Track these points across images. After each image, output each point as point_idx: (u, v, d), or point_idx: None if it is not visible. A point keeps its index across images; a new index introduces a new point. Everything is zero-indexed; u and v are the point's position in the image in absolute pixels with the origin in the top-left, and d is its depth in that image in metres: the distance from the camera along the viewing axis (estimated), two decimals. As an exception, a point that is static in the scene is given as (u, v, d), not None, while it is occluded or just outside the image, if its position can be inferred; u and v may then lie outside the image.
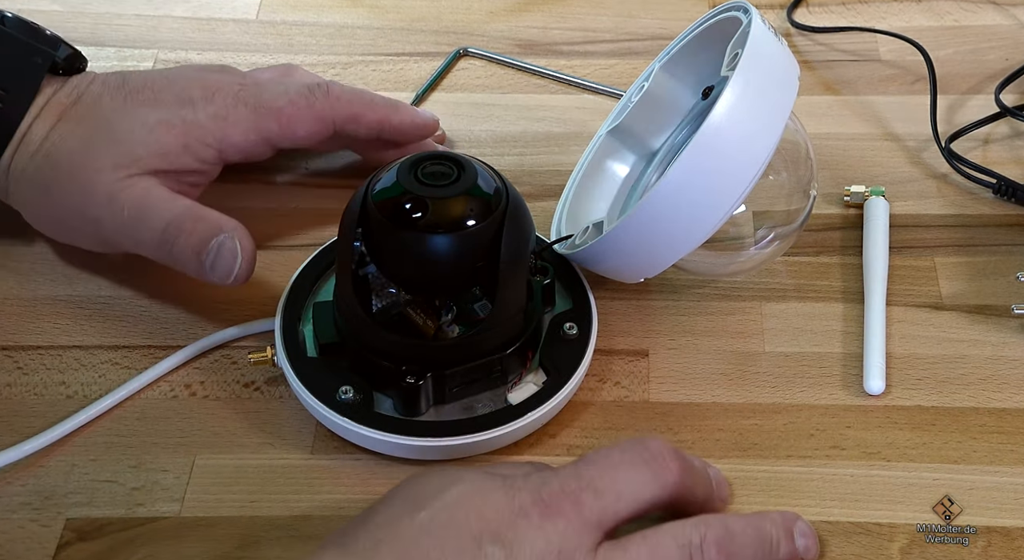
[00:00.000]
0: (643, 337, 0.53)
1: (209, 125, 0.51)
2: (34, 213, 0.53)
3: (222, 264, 0.49)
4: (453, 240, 0.45)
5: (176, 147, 0.51)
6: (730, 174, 0.46)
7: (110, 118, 0.51)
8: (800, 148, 0.52)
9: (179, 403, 0.50)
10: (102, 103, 0.52)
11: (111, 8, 0.71)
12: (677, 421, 0.49)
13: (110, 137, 0.50)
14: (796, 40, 0.69)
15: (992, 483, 0.47)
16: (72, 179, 0.50)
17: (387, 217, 0.45)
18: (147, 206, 0.50)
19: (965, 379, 0.50)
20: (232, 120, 0.52)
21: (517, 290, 0.47)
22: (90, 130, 0.51)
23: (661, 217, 0.46)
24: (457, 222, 0.45)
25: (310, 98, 0.53)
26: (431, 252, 0.45)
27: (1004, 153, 0.61)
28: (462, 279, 0.46)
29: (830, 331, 0.53)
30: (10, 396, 0.50)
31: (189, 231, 0.49)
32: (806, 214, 0.53)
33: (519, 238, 0.46)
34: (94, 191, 0.50)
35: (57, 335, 0.52)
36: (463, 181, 0.45)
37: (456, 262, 0.45)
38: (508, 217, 0.45)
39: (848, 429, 0.49)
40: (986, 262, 0.55)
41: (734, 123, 0.45)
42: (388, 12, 0.71)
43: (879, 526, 0.45)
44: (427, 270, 0.45)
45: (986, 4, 0.71)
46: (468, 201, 0.45)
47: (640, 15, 0.71)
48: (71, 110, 0.51)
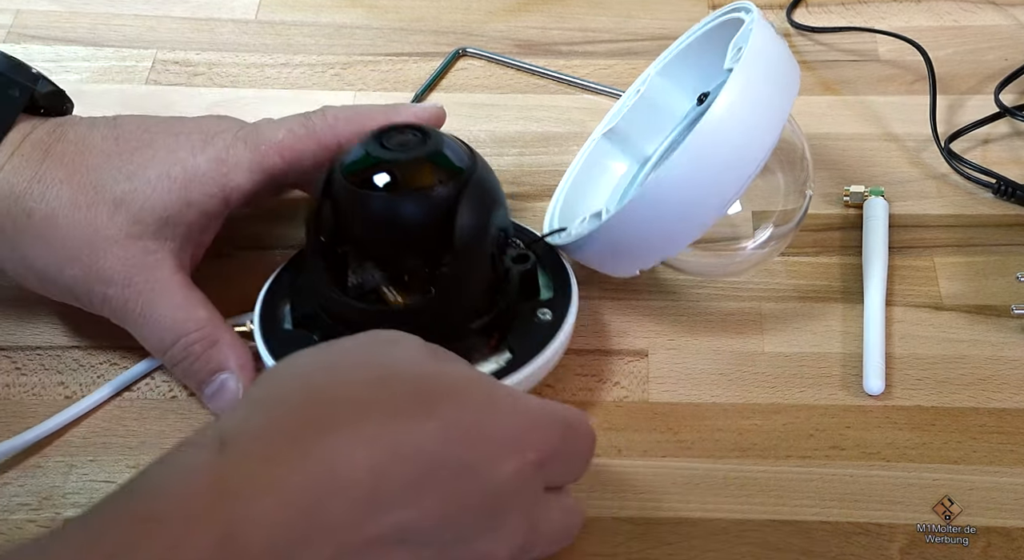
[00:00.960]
0: (642, 337, 0.52)
1: (210, 171, 0.48)
2: (13, 266, 0.49)
3: (221, 400, 0.48)
4: (410, 201, 0.45)
5: (180, 204, 0.48)
6: (730, 167, 0.46)
7: (103, 168, 0.48)
8: (796, 148, 0.52)
9: (178, 403, 0.50)
10: (92, 145, 0.48)
11: (110, 8, 0.71)
12: (676, 421, 0.49)
13: (111, 197, 0.47)
14: (795, 40, 0.69)
15: (992, 483, 0.47)
16: (77, 246, 0.47)
17: (348, 179, 0.46)
18: (156, 298, 0.48)
19: (965, 379, 0.50)
20: (233, 162, 0.48)
21: (476, 262, 0.46)
22: (84, 182, 0.47)
23: (661, 206, 0.46)
24: (414, 183, 0.45)
25: (308, 125, 0.50)
26: (388, 213, 0.45)
27: (1004, 153, 0.61)
28: (421, 246, 0.46)
29: (830, 331, 0.53)
30: (8, 396, 0.50)
31: (196, 356, 0.48)
32: (802, 214, 0.53)
33: (479, 208, 0.46)
34: (107, 268, 0.47)
35: (56, 336, 0.52)
36: (426, 147, 0.46)
37: (413, 225, 0.45)
38: (470, 186, 0.45)
39: (848, 429, 0.49)
40: (986, 262, 0.55)
41: (736, 116, 0.45)
42: (387, 12, 0.71)
43: (879, 526, 0.45)
44: (385, 233, 0.46)
45: (985, 4, 0.71)
46: (428, 165, 0.46)
47: (639, 15, 0.71)
48: (55, 148, 0.48)
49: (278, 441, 0.34)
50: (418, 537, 0.35)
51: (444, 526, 0.35)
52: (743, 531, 0.45)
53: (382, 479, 0.34)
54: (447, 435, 0.36)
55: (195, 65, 0.67)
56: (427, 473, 0.35)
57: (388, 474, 0.34)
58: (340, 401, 0.36)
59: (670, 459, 0.48)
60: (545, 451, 0.38)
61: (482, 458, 0.36)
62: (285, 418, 0.35)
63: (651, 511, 0.46)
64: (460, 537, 0.36)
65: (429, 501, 0.35)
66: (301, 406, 0.36)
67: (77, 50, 0.67)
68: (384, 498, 0.34)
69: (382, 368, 0.38)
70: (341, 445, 0.34)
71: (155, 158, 0.48)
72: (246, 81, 0.66)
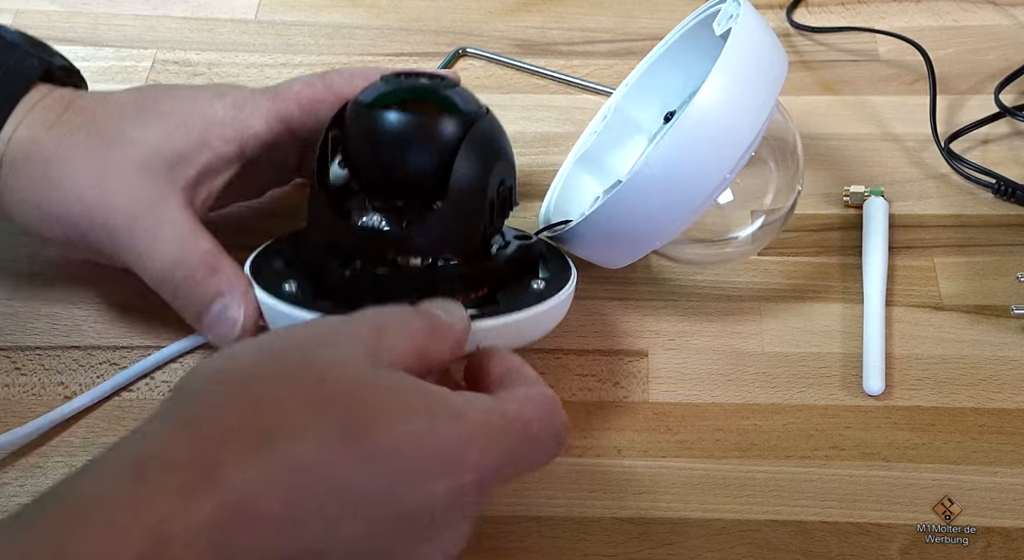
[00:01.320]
0: (642, 338, 0.52)
1: (227, 117, 0.48)
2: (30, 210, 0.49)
3: (220, 327, 0.46)
4: (417, 122, 0.45)
5: (195, 145, 0.48)
6: (719, 149, 0.45)
7: (121, 117, 0.48)
8: (787, 142, 0.52)
9: (177, 404, 0.50)
10: (111, 100, 0.49)
11: (109, 8, 0.71)
12: (676, 422, 0.49)
13: (127, 139, 0.48)
14: (795, 40, 0.69)
15: (991, 484, 0.47)
16: (88, 182, 0.47)
17: (359, 103, 0.46)
18: (163, 229, 0.47)
19: (965, 379, 0.50)
20: (250, 109, 0.49)
21: (473, 200, 0.45)
22: (101, 128, 0.48)
23: (652, 192, 0.46)
24: (423, 109, 0.45)
25: (325, 79, 0.50)
26: (394, 130, 0.45)
27: (1003, 153, 0.61)
28: (421, 169, 0.45)
29: (829, 331, 0.53)
30: (8, 397, 0.50)
31: (197, 283, 0.46)
32: (791, 206, 0.53)
33: (484, 148, 0.46)
34: (114, 200, 0.47)
35: (55, 336, 0.52)
36: (443, 83, 0.47)
37: (417, 146, 0.45)
38: (480, 124, 0.46)
39: (847, 429, 0.49)
40: (986, 262, 0.55)
41: (724, 99, 0.45)
42: (387, 12, 0.71)
43: (878, 527, 0.45)
44: (389, 151, 0.45)
45: (985, 4, 0.71)
46: (441, 97, 0.46)
47: (639, 15, 0.71)
48: (76, 103, 0.48)
49: (191, 472, 0.33)
50: (340, 550, 0.34)
51: (367, 549, 0.34)
52: (743, 531, 0.45)
53: (298, 510, 0.33)
54: (373, 463, 0.34)
55: (195, 65, 0.67)
56: (349, 503, 0.34)
57: (305, 506, 0.33)
58: (263, 422, 0.34)
59: (670, 459, 0.48)
60: (486, 469, 0.36)
61: (410, 483, 0.34)
62: (203, 440, 0.34)
63: (651, 511, 0.46)
64: (387, 555, 0.35)
65: (349, 529, 0.34)
66: (222, 424, 0.34)
67: (77, 50, 0.67)
68: (299, 529, 0.33)
69: (313, 382, 0.36)
70: (256, 476, 0.33)
71: (174, 108, 0.48)
72: (246, 81, 0.66)
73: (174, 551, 0.31)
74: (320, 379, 0.36)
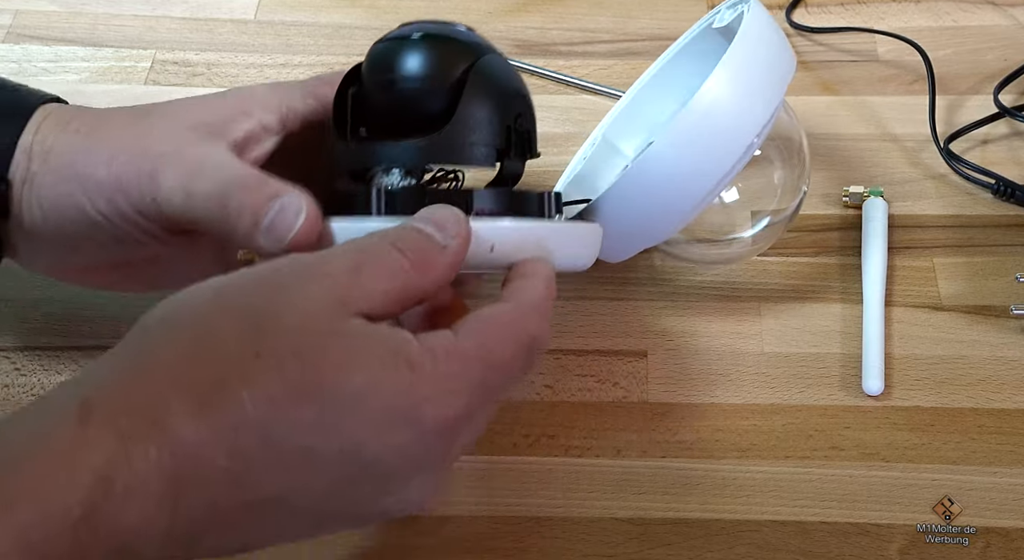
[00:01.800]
0: (642, 338, 0.52)
1: (265, 93, 0.47)
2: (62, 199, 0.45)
3: (281, 222, 0.42)
4: (428, 47, 0.44)
5: (236, 112, 0.46)
6: (722, 145, 0.45)
7: (154, 105, 0.46)
8: (794, 142, 0.52)
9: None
10: (135, 105, 0.47)
11: (109, 8, 0.71)
12: (676, 422, 0.49)
13: (164, 110, 0.45)
14: (795, 40, 0.69)
15: (990, 484, 0.47)
16: (128, 140, 0.44)
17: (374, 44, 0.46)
18: (211, 160, 0.44)
19: (964, 380, 0.50)
20: (285, 88, 0.48)
21: (484, 119, 0.44)
22: (131, 110, 0.46)
23: (654, 183, 0.45)
24: (435, 40, 0.45)
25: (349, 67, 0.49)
26: (406, 55, 0.44)
27: (1003, 153, 0.61)
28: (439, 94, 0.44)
29: (829, 332, 0.53)
30: (7, 397, 0.50)
31: (252, 188, 0.43)
32: (796, 206, 0.53)
33: (497, 76, 0.45)
34: (157, 146, 0.44)
35: (54, 336, 0.52)
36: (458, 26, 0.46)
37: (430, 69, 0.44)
38: (491, 56, 0.45)
39: (847, 430, 0.49)
40: (985, 263, 0.55)
41: (728, 94, 0.45)
42: (386, 12, 0.71)
43: (877, 527, 0.45)
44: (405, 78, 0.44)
45: (985, 4, 0.71)
46: (455, 34, 0.46)
47: (639, 16, 0.71)
48: (89, 109, 0.46)
49: (138, 417, 0.33)
50: (300, 501, 0.34)
51: (329, 499, 0.34)
52: (742, 531, 0.45)
53: (247, 465, 0.33)
54: (324, 419, 0.33)
55: (194, 65, 0.67)
56: (302, 457, 0.33)
57: (255, 461, 0.33)
58: (213, 373, 0.34)
59: (669, 459, 0.48)
60: (446, 420, 0.35)
61: (364, 437, 0.34)
62: (149, 385, 0.33)
63: (650, 511, 0.46)
64: (352, 503, 0.35)
65: (306, 480, 0.34)
66: (171, 373, 0.34)
67: (76, 50, 0.67)
68: (248, 482, 0.33)
69: (268, 333, 0.35)
70: (204, 431, 0.33)
71: (215, 93, 0.47)
72: (245, 81, 0.66)
73: (116, 498, 0.31)
74: (277, 329, 0.35)
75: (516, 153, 0.45)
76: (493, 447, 0.48)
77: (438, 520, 0.46)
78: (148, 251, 0.46)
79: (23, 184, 0.44)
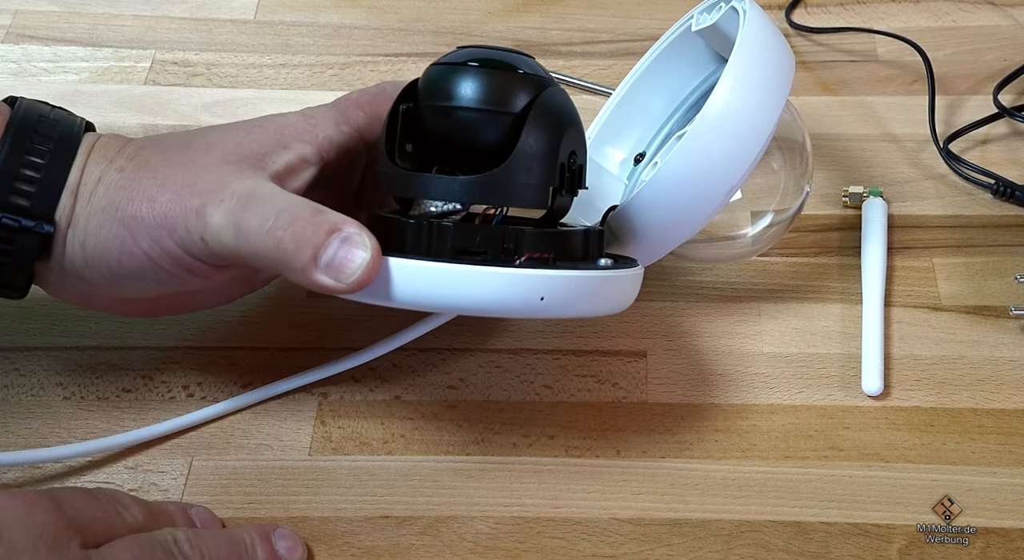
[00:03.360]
0: (641, 338, 0.52)
1: (300, 123, 0.46)
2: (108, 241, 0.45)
3: (344, 259, 0.41)
4: (489, 79, 0.44)
5: (274, 145, 0.45)
6: (733, 153, 0.46)
7: (190, 134, 0.47)
8: (796, 142, 0.52)
9: (177, 404, 0.50)
10: (170, 134, 0.48)
11: (108, 9, 0.71)
12: (675, 422, 0.49)
13: (202, 143, 0.46)
14: (794, 41, 0.69)
15: (990, 484, 0.47)
16: (171, 178, 0.44)
17: (433, 64, 0.45)
18: (258, 194, 0.43)
19: (963, 380, 0.50)
20: (318, 117, 0.47)
21: (539, 156, 0.44)
22: (175, 139, 0.46)
23: (672, 192, 0.46)
24: (501, 66, 0.44)
25: (380, 86, 0.49)
26: (466, 84, 0.44)
27: (1002, 154, 0.61)
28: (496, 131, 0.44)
29: (828, 332, 0.53)
30: (7, 397, 0.50)
31: (306, 220, 0.41)
32: (799, 206, 0.53)
33: (555, 112, 0.44)
34: (201, 184, 0.43)
35: (54, 336, 0.52)
36: (514, 53, 0.46)
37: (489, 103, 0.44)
38: (550, 90, 0.44)
39: (846, 430, 0.49)
40: (984, 263, 0.55)
41: (736, 104, 0.45)
42: (386, 12, 0.71)
43: (877, 527, 0.45)
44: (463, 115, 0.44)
45: (984, 4, 0.71)
46: (514, 60, 0.45)
47: (638, 16, 0.71)
48: (132, 142, 0.47)
49: None
50: None
51: None
52: (742, 532, 0.45)
53: None
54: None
55: (194, 65, 0.67)
56: None
57: None
58: None
59: (669, 460, 0.48)
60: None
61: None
62: None
63: (650, 512, 0.46)
64: None
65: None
66: None
67: (76, 50, 0.67)
68: None
69: None
70: None
71: (243, 121, 0.47)
72: (245, 81, 0.66)
73: None
74: None
75: (568, 189, 0.45)
76: (493, 447, 0.48)
77: (438, 520, 0.46)
78: (189, 287, 0.46)
79: (68, 226, 0.44)
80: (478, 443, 0.49)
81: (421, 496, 0.47)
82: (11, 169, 0.44)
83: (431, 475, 0.47)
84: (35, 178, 0.44)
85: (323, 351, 0.52)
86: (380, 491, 0.47)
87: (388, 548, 0.45)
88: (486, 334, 0.52)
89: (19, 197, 0.44)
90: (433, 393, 0.51)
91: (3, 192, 0.44)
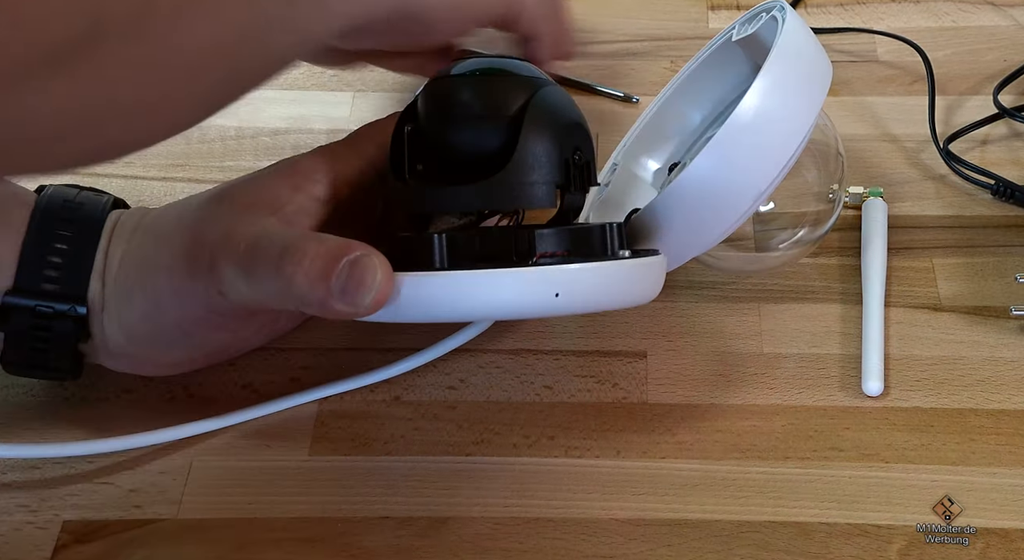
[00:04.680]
0: (641, 338, 0.52)
1: (313, 162, 0.47)
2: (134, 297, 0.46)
3: (356, 284, 0.41)
4: (486, 85, 0.44)
5: (284, 188, 0.46)
6: (762, 159, 0.45)
7: (200, 198, 0.47)
8: (830, 147, 0.52)
9: (177, 405, 0.50)
10: (190, 197, 0.48)
11: (108, 8, 0.70)
12: (675, 423, 0.49)
13: (209, 200, 0.46)
14: (794, 41, 0.69)
15: (990, 484, 0.47)
16: (183, 230, 0.45)
17: (431, 79, 0.46)
18: (264, 236, 0.43)
19: (963, 380, 0.50)
20: (331, 153, 0.48)
21: (543, 155, 0.44)
22: (184, 207, 0.47)
23: (692, 199, 0.46)
24: (493, 73, 0.45)
25: (388, 116, 0.49)
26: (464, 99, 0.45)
27: (1002, 154, 0.61)
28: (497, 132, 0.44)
29: (828, 332, 0.53)
30: (7, 397, 0.50)
31: (313, 253, 0.41)
32: (835, 216, 0.53)
33: (555, 109, 0.45)
34: (211, 234, 0.44)
35: (54, 336, 0.52)
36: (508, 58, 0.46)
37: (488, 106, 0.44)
38: (547, 89, 0.45)
39: (846, 430, 0.49)
40: (984, 263, 0.55)
41: (767, 108, 0.45)
42: (386, 12, 0.71)
43: (877, 528, 0.45)
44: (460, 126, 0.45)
45: (984, 5, 0.71)
46: (513, 67, 0.46)
47: (639, 15, 0.70)
48: (151, 210, 0.48)
49: None
50: None
51: None
52: (742, 532, 0.45)
53: None
54: None
55: (194, 65, 0.66)
56: None
57: None
58: None
59: (669, 460, 0.48)
60: None
61: None
62: None
63: (650, 512, 0.46)
64: None
65: None
66: None
67: (75, 50, 0.67)
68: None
69: None
70: None
71: (265, 170, 0.48)
72: (245, 81, 0.66)
73: None
74: None
75: (576, 186, 0.45)
76: (493, 447, 0.48)
77: (438, 520, 0.46)
78: (224, 342, 0.49)
79: (101, 309, 0.46)
80: (478, 443, 0.49)
81: (421, 496, 0.47)
82: (38, 255, 0.45)
83: (431, 475, 0.47)
84: (60, 264, 0.45)
85: (323, 351, 0.52)
86: (380, 492, 0.47)
87: (388, 549, 0.45)
88: (486, 334, 0.52)
89: (48, 283, 0.45)
90: (433, 393, 0.51)
91: (34, 279, 0.45)
